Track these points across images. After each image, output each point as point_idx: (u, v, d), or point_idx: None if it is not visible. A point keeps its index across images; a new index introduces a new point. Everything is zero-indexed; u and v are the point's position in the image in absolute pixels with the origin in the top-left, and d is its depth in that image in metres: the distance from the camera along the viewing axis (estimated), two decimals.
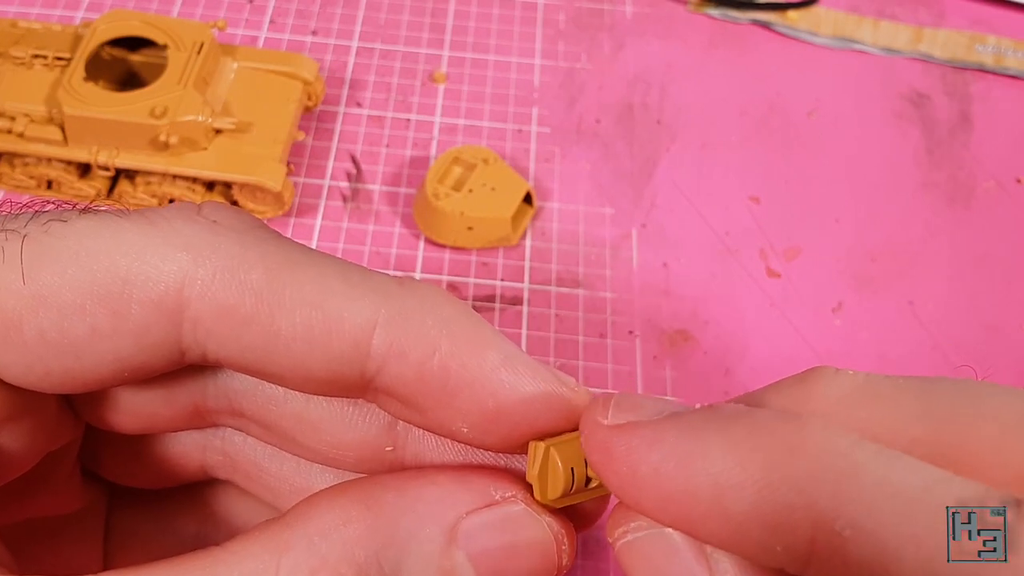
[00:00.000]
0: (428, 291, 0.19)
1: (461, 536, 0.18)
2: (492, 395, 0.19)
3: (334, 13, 0.59)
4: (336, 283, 0.18)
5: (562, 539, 0.19)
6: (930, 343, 0.47)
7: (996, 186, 0.54)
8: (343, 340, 0.18)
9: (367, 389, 0.19)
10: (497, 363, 0.19)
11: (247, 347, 0.18)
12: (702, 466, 0.16)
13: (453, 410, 0.19)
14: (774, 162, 0.54)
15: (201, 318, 0.18)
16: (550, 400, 0.19)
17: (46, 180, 0.48)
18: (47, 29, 0.50)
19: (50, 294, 0.17)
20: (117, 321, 0.17)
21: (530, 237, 0.49)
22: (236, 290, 0.18)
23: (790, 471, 0.15)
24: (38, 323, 0.17)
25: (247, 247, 0.18)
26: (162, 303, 0.17)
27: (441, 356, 0.18)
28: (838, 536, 0.14)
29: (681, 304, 0.48)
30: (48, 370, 0.18)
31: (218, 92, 0.48)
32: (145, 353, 0.18)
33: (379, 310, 0.18)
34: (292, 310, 0.18)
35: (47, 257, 0.17)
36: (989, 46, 0.60)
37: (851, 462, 0.15)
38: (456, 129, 0.54)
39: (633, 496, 0.17)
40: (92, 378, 0.18)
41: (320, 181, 0.51)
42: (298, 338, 0.18)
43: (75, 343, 0.17)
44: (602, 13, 0.61)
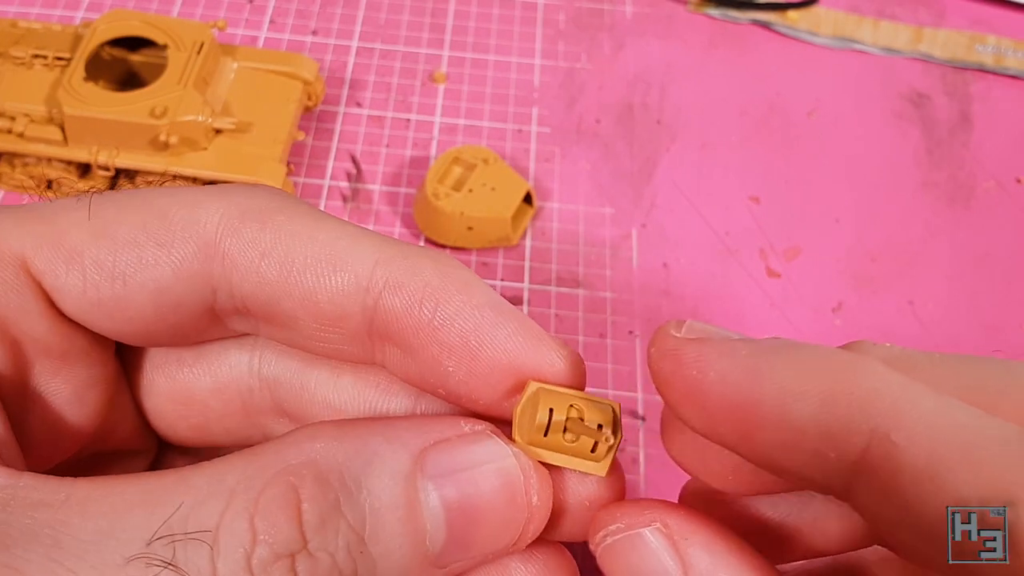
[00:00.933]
0: (429, 248, 0.21)
1: (429, 462, 0.19)
2: (475, 329, 0.20)
3: (334, 13, 0.59)
4: (347, 229, 0.20)
5: (530, 473, 0.19)
6: (930, 343, 0.47)
7: (996, 186, 0.54)
8: (346, 272, 0.20)
9: (370, 337, 0.20)
10: (482, 302, 0.20)
11: (264, 279, 0.20)
12: (770, 376, 0.17)
13: (440, 345, 0.20)
14: (774, 162, 0.54)
15: (229, 252, 0.20)
16: (533, 349, 0.20)
17: (46, 180, 0.48)
18: (47, 29, 0.50)
19: (109, 229, 0.20)
20: (160, 252, 0.20)
21: (530, 237, 0.49)
22: (259, 228, 0.20)
23: (852, 387, 0.17)
24: (96, 252, 0.20)
25: (274, 199, 0.21)
26: (199, 238, 0.20)
27: (431, 289, 0.20)
28: (893, 445, 0.16)
29: (681, 304, 0.48)
30: (99, 297, 0.20)
31: (218, 92, 0.48)
32: (182, 284, 0.20)
33: (380, 251, 0.20)
34: (305, 245, 0.20)
35: (112, 204, 0.20)
36: (989, 46, 0.60)
37: (907, 390, 0.17)
38: (456, 129, 0.54)
39: (698, 404, 0.18)
40: (135, 310, 0.20)
41: (320, 181, 0.51)
42: (308, 270, 0.20)
43: (124, 271, 0.20)
44: (602, 13, 0.61)
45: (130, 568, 0.16)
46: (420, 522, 0.18)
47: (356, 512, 0.18)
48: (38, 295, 0.20)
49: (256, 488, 0.18)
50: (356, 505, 0.18)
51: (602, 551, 0.19)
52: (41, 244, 0.20)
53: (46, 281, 0.20)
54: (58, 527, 0.17)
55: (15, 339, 0.20)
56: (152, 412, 0.24)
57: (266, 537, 0.17)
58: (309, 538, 0.17)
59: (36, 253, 0.20)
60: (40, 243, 0.20)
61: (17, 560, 0.16)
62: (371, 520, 0.18)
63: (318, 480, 0.18)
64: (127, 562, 0.16)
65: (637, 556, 0.19)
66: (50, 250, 0.20)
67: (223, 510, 0.17)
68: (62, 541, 0.17)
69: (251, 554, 0.17)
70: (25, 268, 0.20)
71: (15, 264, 0.20)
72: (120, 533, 0.17)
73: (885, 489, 0.16)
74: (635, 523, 0.19)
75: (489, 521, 0.19)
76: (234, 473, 0.18)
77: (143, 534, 0.17)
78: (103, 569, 0.16)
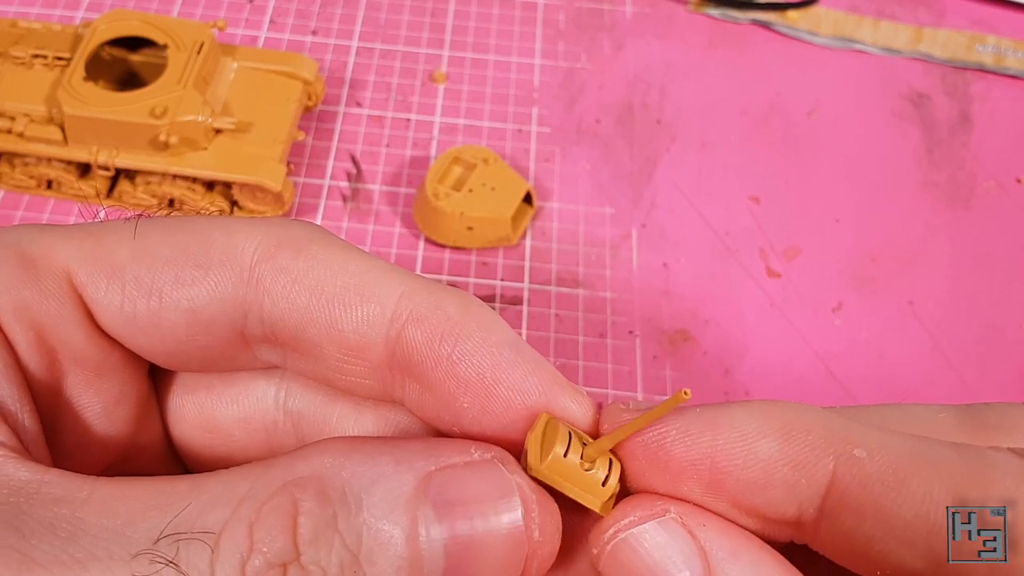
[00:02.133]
0: (456, 288, 0.21)
1: (433, 488, 0.19)
2: (492, 367, 0.20)
3: (334, 13, 0.59)
4: (377, 263, 0.21)
5: (532, 506, 0.19)
6: (930, 343, 0.47)
7: (996, 186, 0.54)
8: (372, 303, 0.20)
9: (391, 371, 0.21)
10: (501, 340, 0.20)
11: (294, 305, 0.21)
12: (729, 423, 0.18)
13: (456, 381, 0.20)
14: (774, 162, 0.54)
15: (263, 278, 0.21)
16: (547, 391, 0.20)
17: (46, 180, 0.48)
18: (47, 29, 0.50)
19: (151, 249, 0.21)
20: (198, 273, 0.21)
21: (530, 237, 0.49)
22: (293, 256, 0.21)
23: (806, 421, 0.18)
24: (136, 270, 0.21)
25: (310, 232, 0.21)
26: (236, 263, 0.21)
27: (452, 324, 0.20)
28: (856, 461, 0.18)
29: (681, 304, 0.48)
30: (135, 312, 0.21)
31: (218, 92, 0.48)
32: (215, 305, 0.21)
33: (406, 284, 0.21)
34: (335, 275, 0.20)
35: (157, 226, 0.21)
36: (989, 46, 0.60)
37: (850, 422, 0.18)
38: (456, 129, 0.54)
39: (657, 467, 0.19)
40: (168, 327, 0.21)
41: (320, 181, 0.51)
42: (336, 299, 0.20)
43: (161, 288, 0.21)
44: (602, 13, 0.61)
45: (135, 563, 0.17)
46: (418, 549, 0.18)
47: (353, 530, 0.18)
48: (79, 307, 0.21)
49: (261, 497, 0.18)
50: (353, 523, 0.18)
51: (614, 547, 0.19)
52: (86, 258, 0.21)
53: (87, 294, 0.21)
54: (76, 522, 0.17)
55: (52, 347, 0.21)
56: (179, 439, 0.25)
57: (262, 546, 0.17)
58: (302, 550, 0.17)
59: (80, 267, 0.21)
60: (85, 257, 0.21)
61: (32, 550, 0.17)
62: (367, 540, 0.18)
63: (319, 494, 0.18)
64: (133, 557, 0.17)
65: (655, 546, 0.19)
66: (94, 265, 0.21)
67: (228, 516, 0.18)
68: (77, 536, 0.17)
69: (247, 561, 0.17)
70: (69, 280, 0.21)
71: (60, 275, 0.21)
72: (131, 531, 0.17)
73: (859, 502, 0.17)
74: (649, 514, 0.19)
75: (490, 554, 0.19)
76: (246, 481, 0.18)
77: (153, 533, 0.17)
78: (109, 563, 0.17)
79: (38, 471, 0.18)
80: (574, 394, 0.21)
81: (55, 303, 0.21)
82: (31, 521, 0.17)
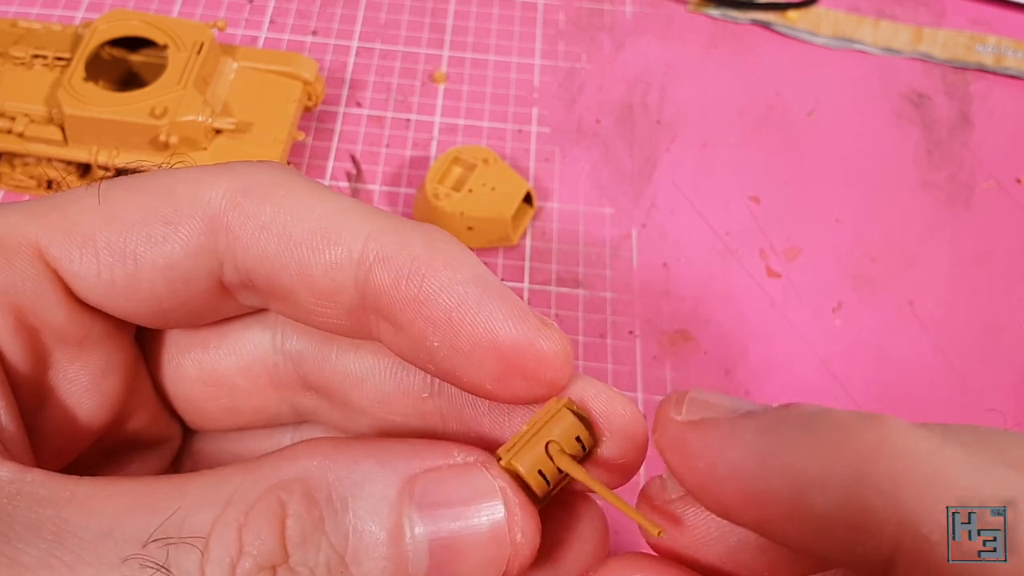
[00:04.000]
0: (424, 224, 0.21)
1: (417, 490, 0.19)
2: (458, 305, 0.19)
3: (334, 13, 0.59)
4: (344, 203, 0.21)
5: (515, 508, 0.19)
6: (930, 343, 0.47)
7: (996, 186, 0.54)
8: (339, 246, 0.20)
9: (364, 312, 0.21)
10: (468, 277, 0.20)
11: (264, 253, 0.20)
12: (784, 464, 0.16)
13: (425, 320, 0.20)
14: (774, 162, 0.54)
15: (231, 226, 0.20)
16: (514, 328, 0.20)
17: (46, 180, 0.48)
18: (47, 29, 0.50)
19: (118, 212, 0.21)
20: (168, 229, 0.20)
21: (530, 237, 0.49)
22: (259, 202, 0.20)
23: (873, 471, 0.15)
24: (107, 235, 0.20)
25: (276, 174, 0.21)
26: (204, 214, 0.20)
27: (418, 263, 0.20)
28: (926, 541, 0.14)
29: (681, 304, 0.48)
30: (113, 278, 0.21)
31: (218, 92, 0.48)
32: (190, 259, 0.21)
33: (373, 224, 0.20)
34: (302, 219, 0.20)
35: (120, 188, 0.21)
36: (989, 46, 0.60)
37: (935, 465, 0.15)
38: (456, 129, 0.54)
39: (711, 495, 0.17)
40: (148, 289, 0.21)
41: (320, 181, 0.51)
42: (304, 243, 0.20)
43: (134, 250, 0.20)
44: (602, 13, 0.61)
45: (124, 568, 0.17)
46: (403, 550, 0.18)
47: (339, 532, 0.18)
48: (55, 282, 0.21)
49: (249, 500, 0.18)
50: (340, 525, 0.18)
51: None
52: (54, 231, 0.20)
53: (61, 267, 0.21)
54: (61, 524, 0.17)
55: (33, 327, 0.21)
56: (181, 398, 0.25)
57: (251, 548, 0.17)
58: (291, 552, 0.18)
59: (50, 240, 0.20)
60: (53, 230, 0.20)
61: (19, 553, 0.17)
62: (353, 541, 0.18)
63: (305, 497, 0.18)
64: (122, 562, 0.17)
65: None
66: (63, 236, 0.20)
67: (216, 518, 0.18)
68: (63, 538, 0.17)
69: (236, 563, 0.17)
70: (41, 256, 0.20)
71: (31, 253, 0.20)
72: (118, 534, 0.17)
73: None
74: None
75: (472, 556, 0.19)
76: (232, 483, 0.18)
77: (140, 536, 0.17)
78: (99, 567, 0.17)
79: (19, 470, 0.18)
80: (543, 329, 0.20)
81: (31, 283, 0.20)
82: (15, 523, 0.17)
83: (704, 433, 0.17)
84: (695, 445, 0.17)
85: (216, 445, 0.26)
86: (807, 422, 0.16)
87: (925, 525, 0.14)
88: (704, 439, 0.17)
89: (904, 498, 0.15)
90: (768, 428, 0.17)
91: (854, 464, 0.15)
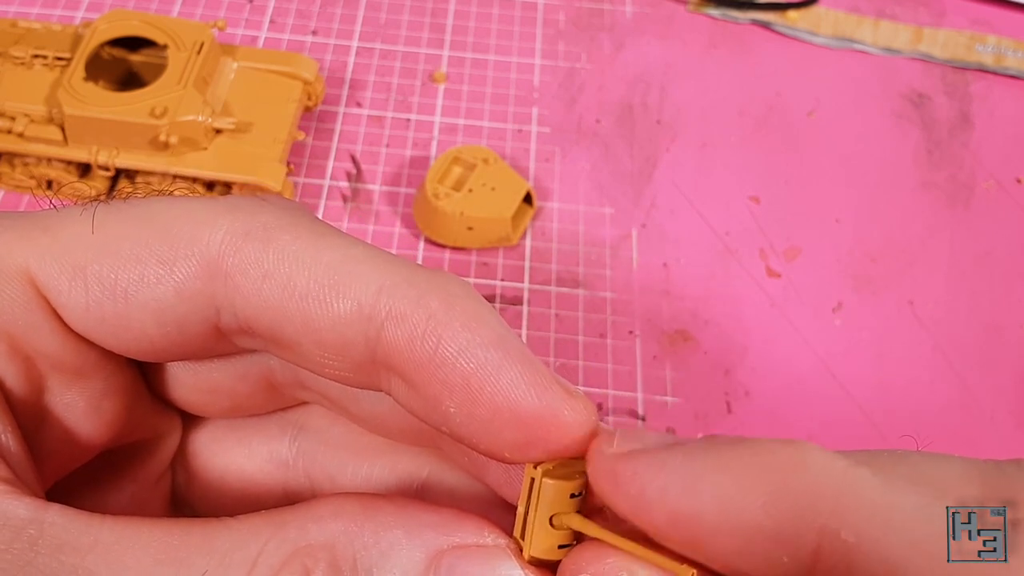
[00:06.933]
0: (440, 272, 0.20)
1: (443, 568, 0.19)
2: (477, 371, 0.18)
3: (334, 13, 0.59)
4: (354, 251, 0.19)
5: None
6: (930, 343, 0.47)
7: (996, 186, 0.54)
8: (348, 300, 0.19)
9: (375, 367, 0.20)
10: (488, 340, 0.19)
11: (266, 303, 0.19)
12: (710, 483, 0.17)
13: (441, 384, 0.19)
14: (774, 162, 0.54)
15: (231, 273, 0.19)
16: (537, 398, 0.19)
17: (46, 180, 0.48)
18: (47, 29, 0.50)
19: (112, 244, 0.20)
20: (163, 270, 0.19)
21: (530, 237, 0.49)
22: (262, 247, 0.19)
23: (793, 485, 0.16)
24: (99, 268, 0.19)
25: (282, 216, 0.20)
26: (202, 257, 0.19)
27: (435, 323, 0.19)
28: (843, 543, 0.15)
29: (681, 304, 0.48)
30: (103, 315, 0.20)
31: (218, 92, 0.48)
32: (184, 304, 0.20)
33: (386, 277, 0.19)
34: (308, 268, 0.19)
35: (116, 217, 0.20)
36: (989, 46, 0.60)
37: (851, 479, 0.16)
38: (456, 129, 0.54)
39: (643, 518, 0.18)
40: (138, 329, 0.20)
41: (320, 181, 0.51)
42: (310, 295, 0.19)
43: (126, 288, 0.19)
44: (602, 13, 0.61)
45: None
46: None
47: None
48: (47, 311, 0.20)
49: (275, 563, 0.18)
50: None
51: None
52: (44, 257, 0.20)
53: (51, 296, 0.20)
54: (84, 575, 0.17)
55: (28, 356, 0.20)
56: (180, 402, 0.24)
57: None
58: None
59: (39, 267, 0.20)
60: (43, 256, 0.20)
61: None
62: None
63: (331, 566, 0.18)
64: None
65: None
66: (53, 263, 0.20)
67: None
68: None
69: None
70: (32, 283, 0.20)
71: (22, 279, 0.20)
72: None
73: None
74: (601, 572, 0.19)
75: None
76: (258, 541, 0.18)
77: None
78: None
79: (37, 508, 0.17)
80: (568, 399, 0.19)
81: (22, 310, 0.20)
82: (36, 573, 0.17)
83: (633, 462, 0.18)
84: (625, 473, 0.18)
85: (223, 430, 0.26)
86: (730, 447, 0.17)
87: (843, 529, 0.15)
88: (633, 467, 0.18)
89: (823, 508, 0.16)
90: (694, 454, 0.17)
91: (776, 480, 0.16)
